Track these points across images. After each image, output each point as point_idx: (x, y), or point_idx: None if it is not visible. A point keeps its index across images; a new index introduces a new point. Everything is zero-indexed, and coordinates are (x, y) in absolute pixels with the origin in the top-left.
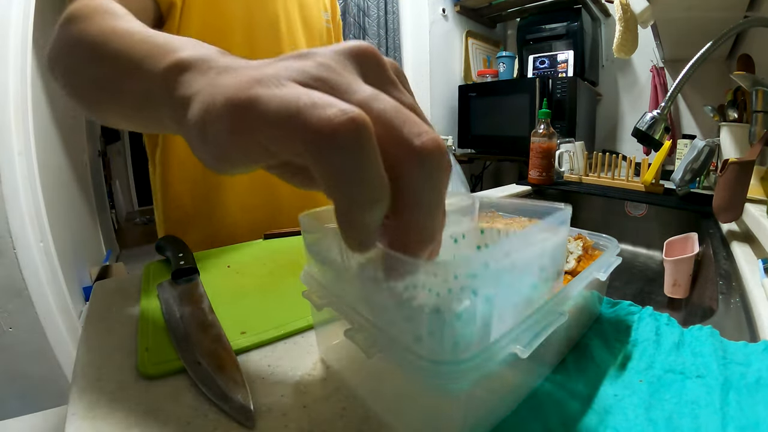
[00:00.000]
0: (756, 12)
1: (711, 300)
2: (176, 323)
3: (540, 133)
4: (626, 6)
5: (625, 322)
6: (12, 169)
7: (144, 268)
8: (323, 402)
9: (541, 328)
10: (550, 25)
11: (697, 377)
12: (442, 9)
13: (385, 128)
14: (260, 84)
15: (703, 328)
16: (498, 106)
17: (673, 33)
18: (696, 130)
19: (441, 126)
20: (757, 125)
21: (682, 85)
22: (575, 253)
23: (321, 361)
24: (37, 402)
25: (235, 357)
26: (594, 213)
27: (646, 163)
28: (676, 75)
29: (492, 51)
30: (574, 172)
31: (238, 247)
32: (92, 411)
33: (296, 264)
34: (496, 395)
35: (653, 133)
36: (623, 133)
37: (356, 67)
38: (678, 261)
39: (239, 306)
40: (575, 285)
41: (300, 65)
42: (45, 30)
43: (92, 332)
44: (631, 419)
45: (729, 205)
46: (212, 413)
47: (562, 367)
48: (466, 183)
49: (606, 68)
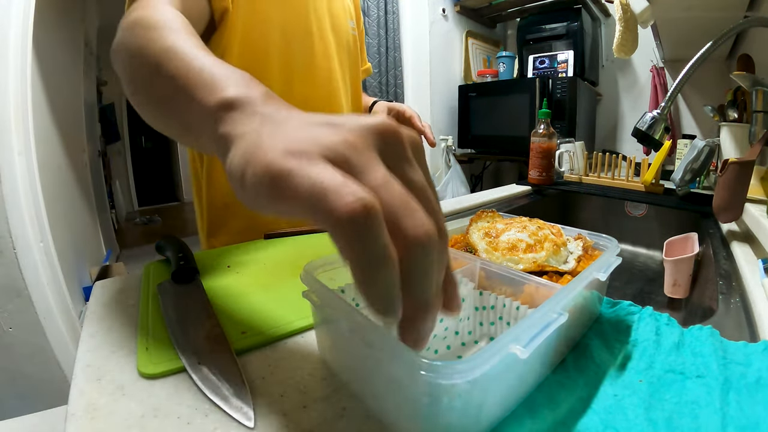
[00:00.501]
0: (756, 12)
1: (711, 300)
2: (176, 323)
3: (540, 133)
4: (626, 6)
5: (625, 322)
6: (12, 169)
7: (144, 268)
8: (323, 402)
9: (541, 328)
10: (550, 25)
11: (697, 377)
12: (442, 9)
13: (389, 216)
14: (294, 157)
15: (703, 328)
16: (498, 106)
17: (673, 33)
18: (696, 130)
19: (441, 126)
20: (757, 125)
21: (682, 85)
22: (575, 253)
23: (321, 361)
24: (37, 402)
25: (235, 357)
26: (594, 213)
27: (646, 163)
28: (676, 75)
29: (492, 51)
30: (574, 172)
31: (238, 247)
32: (92, 411)
33: (296, 264)
34: (495, 395)
35: (653, 133)
36: (623, 133)
37: (378, 143)
38: (678, 261)
39: (239, 306)
40: (575, 285)
41: (329, 141)
42: (45, 30)
43: (92, 332)
44: (631, 419)
45: (729, 205)
46: (212, 413)
47: (562, 367)
48: (466, 183)
49: (606, 68)
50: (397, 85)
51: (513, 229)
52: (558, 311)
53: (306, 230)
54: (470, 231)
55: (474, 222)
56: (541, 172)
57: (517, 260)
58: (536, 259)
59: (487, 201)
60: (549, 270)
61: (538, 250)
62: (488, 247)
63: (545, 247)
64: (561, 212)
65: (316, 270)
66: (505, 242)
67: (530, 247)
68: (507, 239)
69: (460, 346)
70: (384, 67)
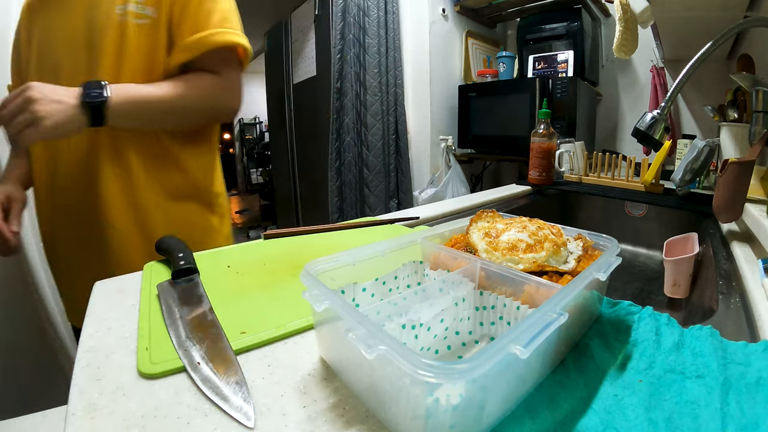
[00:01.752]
0: (756, 12)
1: (711, 300)
2: (176, 323)
3: (540, 133)
4: (626, 6)
5: (625, 322)
6: None
7: (144, 268)
8: (323, 402)
9: (541, 328)
10: (550, 25)
11: (697, 377)
12: (442, 9)
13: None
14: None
15: (703, 328)
16: (498, 106)
17: (673, 33)
18: (696, 130)
19: (441, 126)
20: (757, 125)
21: (682, 85)
22: (575, 253)
23: (321, 361)
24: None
25: (235, 357)
26: (594, 213)
27: (646, 163)
28: (676, 75)
29: (492, 51)
30: (574, 172)
31: (238, 247)
32: (92, 411)
33: (296, 264)
34: (495, 395)
35: (653, 133)
36: (623, 133)
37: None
38: (678, 261)
39: (239, 306)
40: (575, 285)
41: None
42: None
43: (92, 332)
44: (631, 419)
45: (729, 205)
46: (212, 413)
47: (562, 367)
48: (466, 183)
49: (606, 68)
50: (397, 85)
51: (513, 229)
52: (558, 311)
53: (306, 230)
54: (470, 231)
55: (474, 222)
56: (541, 172)
57: (517, 260)
58: (536, 259)
59: (487, 201)
60: (549, 270)
61: (538, 250)
62: (488, 247)
63: (545, 247)
64: (561, 212)
65: (316, 270)
66: (505, 242)
67: (530, 247)
68: (507, 239)
69: (460, 346)
70: (384, 67)
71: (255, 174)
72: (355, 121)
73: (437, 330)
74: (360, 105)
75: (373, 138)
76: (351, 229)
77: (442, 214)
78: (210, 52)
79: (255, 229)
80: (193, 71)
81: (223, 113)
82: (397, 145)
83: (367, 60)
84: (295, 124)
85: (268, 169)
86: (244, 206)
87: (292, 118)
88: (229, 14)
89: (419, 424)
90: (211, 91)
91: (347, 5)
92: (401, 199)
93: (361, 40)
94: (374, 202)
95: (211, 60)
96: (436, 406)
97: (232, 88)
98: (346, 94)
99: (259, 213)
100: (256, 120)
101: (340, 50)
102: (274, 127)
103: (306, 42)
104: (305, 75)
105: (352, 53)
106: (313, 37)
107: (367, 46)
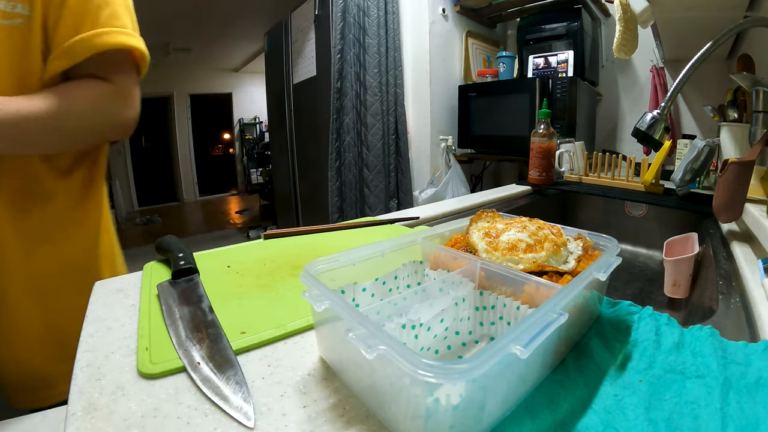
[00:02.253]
0: (756, 12)
1: (711, 300)
2: (176, 323)
3: (540, 133)
4: (626, 6)
5: (625, 322)
6: None
7: (144, 268)
8: (323, 402)
9: (541, 328)
10: (550, 25)
11: (697, 377)
12: (442, 9)
13: None
14: None
15: (703, 328)
16: (498, 106)
17: (673, 33)
18: (696, 130)
19: (441, 126)
20: (757, 125)
21: (682, 85)
22: (575, 253)
23: (321, 361)
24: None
25: (235, 357)
26: (594, 213)
27: (646, 163)
28: (676, 75)
29: (492, 51)
30: (574, 172)
31: (238, 248)
32: (92, 411)
33: (296, 264)
34: (495, 395)
35: (653, 133)
36: (623, 133)
37: None
38: (678, 261)
39: (239, 306)
40: (575, 285)
41: None
42: None
43: (92, 332)
44: (631, 419)
45: (729, 205)
46: (212, 413)
47: (562, 367)
48: (466, 183)
49: (606, 68)
50: (397, 85)
51: (513, 229)
52: (558, 311)
53: (306, 230)
54: (470, 231)
55: (474, 222)
56: (541, 172)
57: (517, 260)
58: (536, 259)
59: (487, 201)
60: (549, 270)
61: (538, 250)
62: (488, 247)
63: (545, 247)
64: (561, 212)
65: (316, 270)
66: (505, 242)
67: (530, 247)
68: (507, 239)
69: (460, 346)
70: (384, 67)
71: (255, 174)
72: (355, 121)
73: (437, 330)
74: (360, 105)
75: (373, 138)
76: (351, 229)
77: (442, 214)
78: (97, 56)
79: (255, 229)
80: (77, 79)
81: (117, 126)
82: (397, 145)
83: (367, 60)
84: (295, 124)
85: (268, 169)
86: (244, 206)
87: (292, 118)
88: (119, 9)
89: (419, 424)
90: (99, 99)
91: (347, 5)
92: (401, 199)
93: (361, 40)
94: (374, 202)
95: (97, 66)
96: (436, 406)
97: (126, 97)
98: (346, 94)
99: (259, 213)
100: (256, 120)
101: (340, 50)
102: (274, 127)
103: (306, 42)
104: (305, 75)
105: (352, 53)
106: (313, 37)
107: (367, 46)
